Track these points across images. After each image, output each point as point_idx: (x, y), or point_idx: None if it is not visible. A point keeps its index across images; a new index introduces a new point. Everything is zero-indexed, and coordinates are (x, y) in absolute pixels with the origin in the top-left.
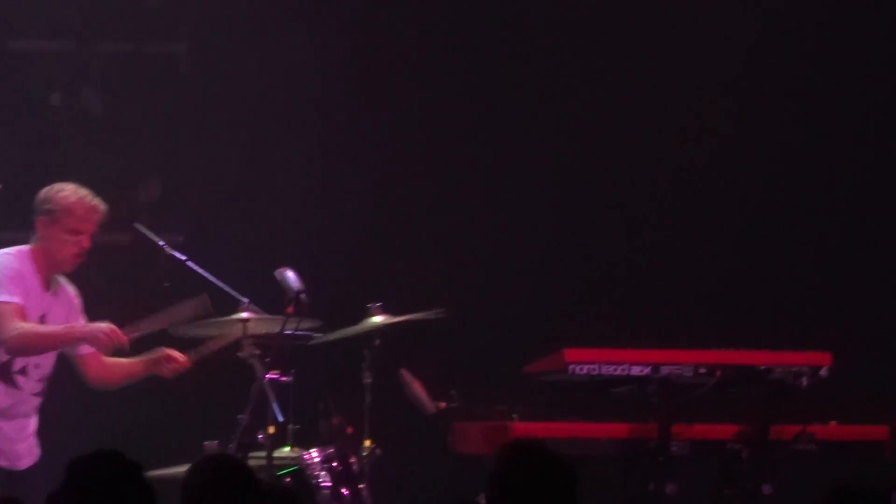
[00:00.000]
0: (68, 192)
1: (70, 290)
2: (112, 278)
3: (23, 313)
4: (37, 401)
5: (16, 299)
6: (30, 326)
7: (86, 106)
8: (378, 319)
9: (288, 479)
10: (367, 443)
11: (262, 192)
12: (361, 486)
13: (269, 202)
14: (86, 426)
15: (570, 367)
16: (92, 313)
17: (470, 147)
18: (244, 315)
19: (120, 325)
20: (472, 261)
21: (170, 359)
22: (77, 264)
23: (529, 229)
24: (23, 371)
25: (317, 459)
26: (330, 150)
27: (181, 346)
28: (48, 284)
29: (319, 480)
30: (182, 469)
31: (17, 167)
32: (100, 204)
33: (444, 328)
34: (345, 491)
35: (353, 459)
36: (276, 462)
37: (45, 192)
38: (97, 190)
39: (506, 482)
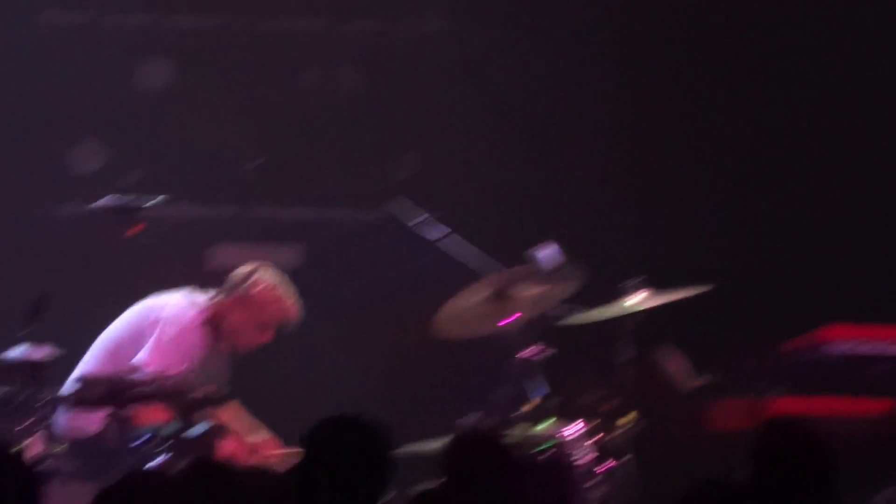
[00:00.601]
0: (269, 285)
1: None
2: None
3: None
4: None
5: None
6: None
7: (340, 85)
8: (637, 299)
9: (546, 455)
10: (627, 418)
11: (517, 168)
12: (621, 461)
13: (525, 179)
14: (335, 402)
15: (829, 344)
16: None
17: (741, 128)
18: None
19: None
20: (730, 236)
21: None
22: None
23: (789, 201)
24: None
25: (576, 435)
26: (586, 127)
27: None
28: (210, 355)
29: (578, 456)
30: (436, 445)
31: (273, 145)
32: (296, 304)
33: (703, 304)
34: (604, 467)
35: (612, 435)
36: (534, 438)
37: (244, 272)
38: (349, 168)
39: (767, 460)
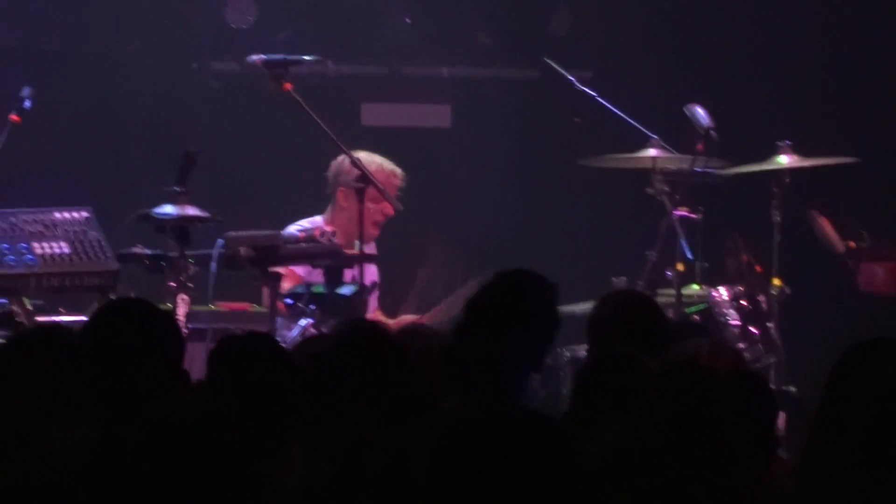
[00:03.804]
0: (365, 161)
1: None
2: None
3: None
4: None
5: None
6: None
7: None
8: (785, 159)
9: (696, 317)
10: (776, 281)
11: (673, 28)
12: (770, 324)
13: (677, 38)
14: (489, 259)
15: None
16: None
17: None
18: (652, 151)
19: None
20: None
21: None
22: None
23: None
24: None
25: (725, 297)
26: None
27: None
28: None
29: (727, 318)
30: (587, 306)
31: (423, 3)
32: (397, 169)
33: (854, 167)
34: (753, 329)
35: (761, 298)
36: (684, 299)
37: (338, 162)
38: (505, 26)
39: None
